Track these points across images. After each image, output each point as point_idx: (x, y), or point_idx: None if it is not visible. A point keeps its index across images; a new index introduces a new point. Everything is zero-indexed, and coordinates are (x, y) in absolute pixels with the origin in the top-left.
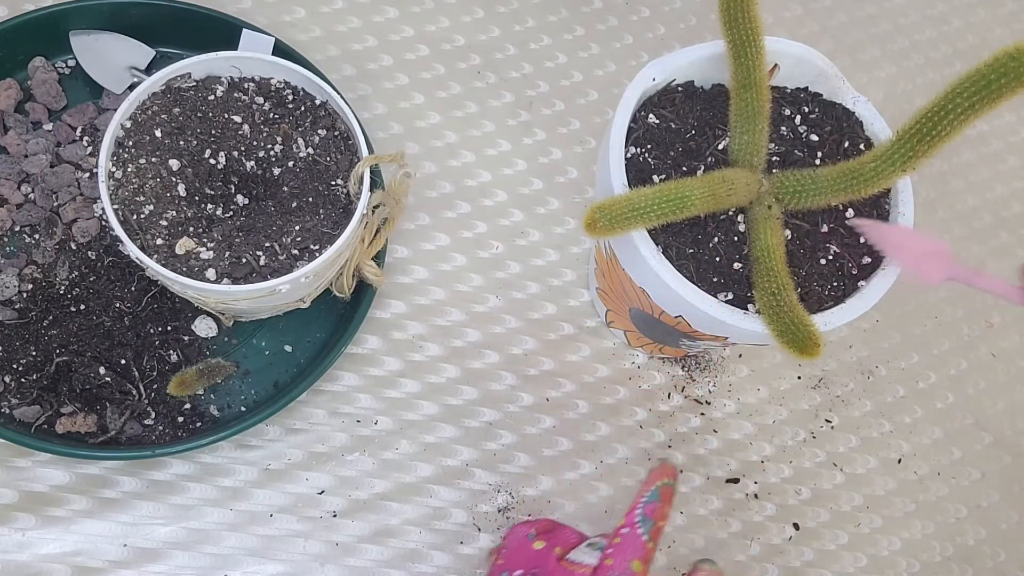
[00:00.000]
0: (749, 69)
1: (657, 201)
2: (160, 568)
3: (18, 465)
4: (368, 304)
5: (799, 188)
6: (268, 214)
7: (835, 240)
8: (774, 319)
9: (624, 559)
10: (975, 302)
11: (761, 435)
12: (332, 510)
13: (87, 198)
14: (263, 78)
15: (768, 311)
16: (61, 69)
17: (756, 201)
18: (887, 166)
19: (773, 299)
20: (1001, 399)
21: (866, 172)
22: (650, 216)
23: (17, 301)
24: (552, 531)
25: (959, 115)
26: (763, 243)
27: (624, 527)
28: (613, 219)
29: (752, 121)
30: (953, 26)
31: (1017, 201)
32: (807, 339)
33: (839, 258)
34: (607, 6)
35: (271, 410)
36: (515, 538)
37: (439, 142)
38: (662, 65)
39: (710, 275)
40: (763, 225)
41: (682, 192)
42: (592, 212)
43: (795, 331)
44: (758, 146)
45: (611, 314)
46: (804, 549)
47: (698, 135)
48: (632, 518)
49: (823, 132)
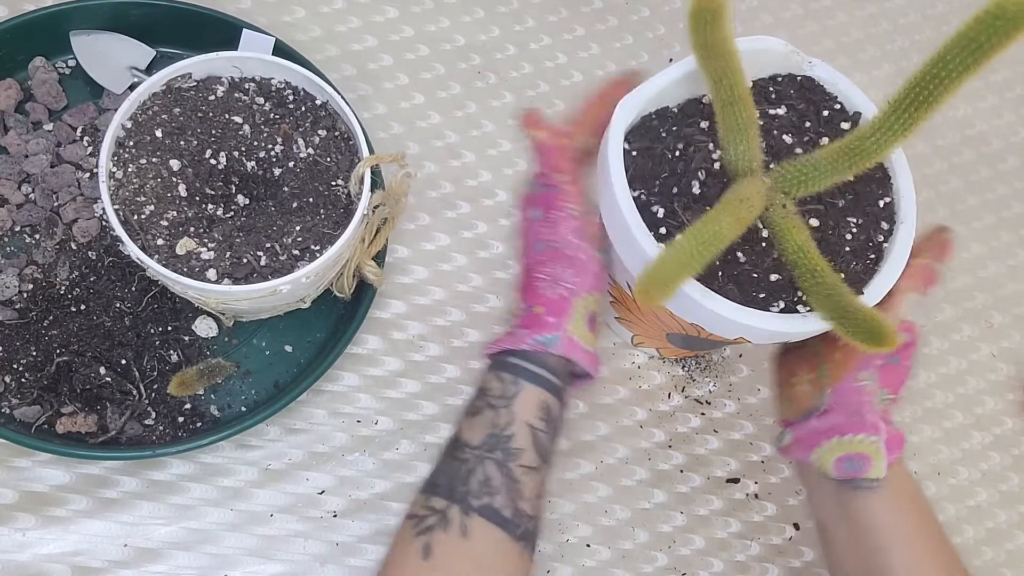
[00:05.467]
0: (731, 88)
1: (696, 249)
2: (160, 568)
3: (18, 465)
4: (368, 304)
5: (801, 177)
6: (269, 214)
7: (855, 212)
8: (842, 322)
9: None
10: (975, 302)
11: (761, 435)
12: (332, 510)
13: (87, 198)
14: (263, 78)
15: (830, 314)
16: (61, 69)
17: (769, 204)
18: (887, 136)
19: (830, 301)
20: (1001, 399)
21: (867, 147)
22: (694, 266)
23: (17, 301)
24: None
25: (952, 77)
26: (793, 244)
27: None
28: (666, 284)
29: (744, 132)
30: (953, 26)
31: (1017, 201)
32: (880, 334)
33: (863, 229)
34: (607, 6)
35: (271, 410)
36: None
37: (439, 142)
38: (633, 100)
39: (753, 291)
40: (786, 226)
41: (712, 229)
42: (643, 284)
43: (867, 328)
44: (754, 153)
45: (638, 337)
46: (804, 549)
47: (683, 153)
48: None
49: (799, 109)
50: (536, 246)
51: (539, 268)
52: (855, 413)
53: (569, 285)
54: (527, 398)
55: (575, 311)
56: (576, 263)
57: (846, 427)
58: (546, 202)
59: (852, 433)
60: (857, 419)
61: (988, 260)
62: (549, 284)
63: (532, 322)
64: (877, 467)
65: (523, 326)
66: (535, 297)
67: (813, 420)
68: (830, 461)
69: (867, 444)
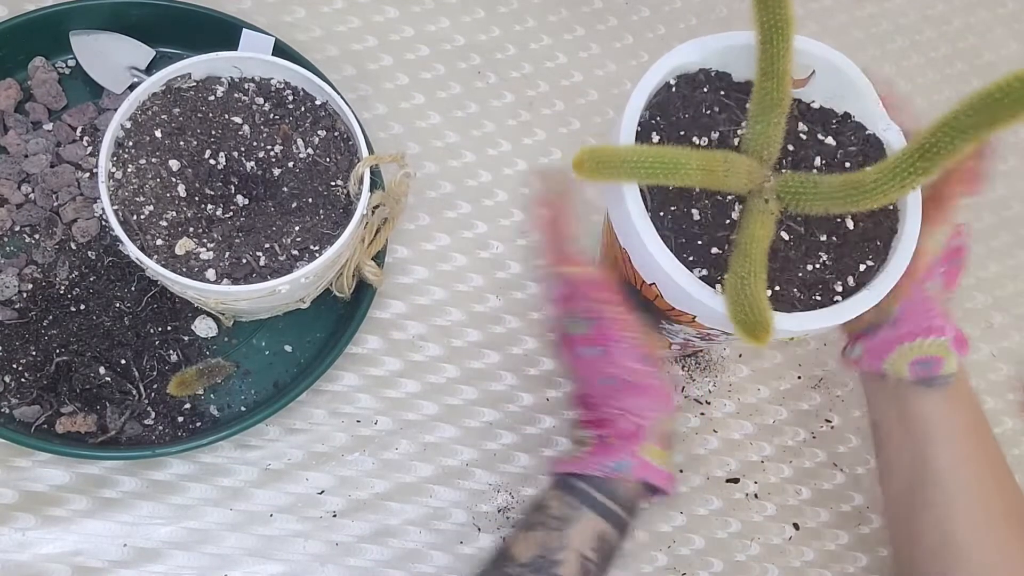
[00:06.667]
0: (773, 57)
1: (649, 159)
2: (160, 568)
3: (18, 465)
4: (368, 304)
5: (800, 190)
6: (268, 214)
7: (829, 250)
8: (733, 298)
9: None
10: (975, 302)
11: (761, 435)
12: (332, 510)
13: (87, 198)
14: (263, 78)
15: (731, 291)
16: (61, 69)
17: (756, 193)
18: (887, 181)
19: (740, 281)
20: (1001, 399)
21: (867, 185)
22: (639, 171)
23: (17, 301)
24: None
25: (960, 134)
26: (750, 232)
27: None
28: (600, 163)
29: (768, 112)
30: (953, 26)
31: (1017, 201)
32: (758, 324)
33: (826, 269)
34: (607, 6)
35: (271, 410)
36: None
37: (439, 142)
38: (702, 44)
39: (689, 252)
40: (756, 216)
41: (677, 158)
42: (582, 152)
43: (749, 314)
44: (770, 139)
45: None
46: (804, 549)
47: (713, 117)
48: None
49: (848, 150)
50: (600, 381)
51: (608, 403)
52: (924, 318)
53: (646, 414)
54: (585, 526)
55: (649, 435)
56: (648, 391)
57: (916, 332)
58: (602, 337)
59: (923, 337)
60: (926, 323)
61: (988, 260)
62: (621, 416)
63: (603, 449)
64: (949, 364)
65: (594, 453)
66: (608, 428)
67: (884, 330)
68: (904, 365)
69: (937, 345)
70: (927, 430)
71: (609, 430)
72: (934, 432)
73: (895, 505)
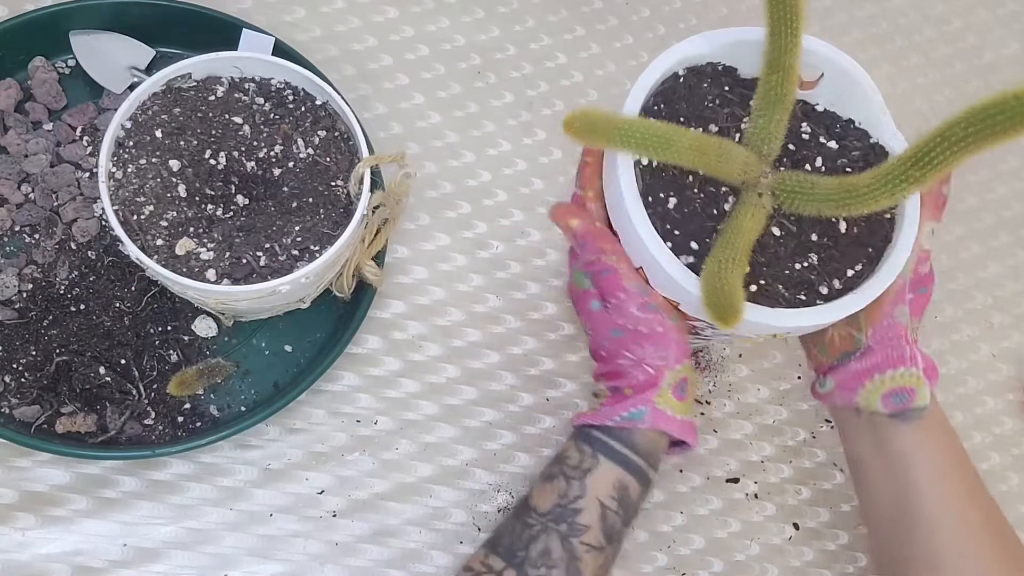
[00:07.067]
0: (781, 50)
1: (641, 130)
2: (160, 568)
3: (18, 465)
4: (368, 304)
5: (796, 190)
6: (268, 214)
7: (820, 252)
8: (707, 280)
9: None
10: (975, 302)
11: (761, 435)
12: (332, 510)
13: (87, 198)
14: (263, 78)
15: (707, 274)
16: (61, 69)
17: (751, 186)
18: (879, 187)
19: (717, 266)
20: (1001, 399)
21: (860, 190)
22: (629, 141)
23: (17, 301)
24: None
25: (954, 146)
26: (738, 222)
27: None
28: (591, 126)
29: (772, 107)
30: (953, 26)
31: (1017, 201)
32: (728, 307)
33: (813, 270)
34: (607, 6)
35: (271, 410)
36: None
37: (439, 142)
38: (712, 37)
39: (679, 239)
40: (747, 208)
41: (670, 134)
42: (574, 113)
43: (720, 296)
44: (772, 134)
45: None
46: (804, 549)
47: (715, 110)
48: None
49: (850, 155)
50: (612, 333)
51: (621, 354)
52: (894, 348)
53: (657, 362)
54: (604, 475)
55: (664, 384)
56: (657, 338)
57: (886, 363)
58: (605, 289)
59: (893, 368)
60: (897, 353)
61: (988, 260)
62: (635, 365)
63: (618, 400)
64: (922, 395)
65: (609, 403)
66: (622, 379)
67: (853, 362)
68: (877, 398)
69: (910, 376)
70: (907, 466)
71: (623, 381)
72: (915, 470)
73: (880, 543)
